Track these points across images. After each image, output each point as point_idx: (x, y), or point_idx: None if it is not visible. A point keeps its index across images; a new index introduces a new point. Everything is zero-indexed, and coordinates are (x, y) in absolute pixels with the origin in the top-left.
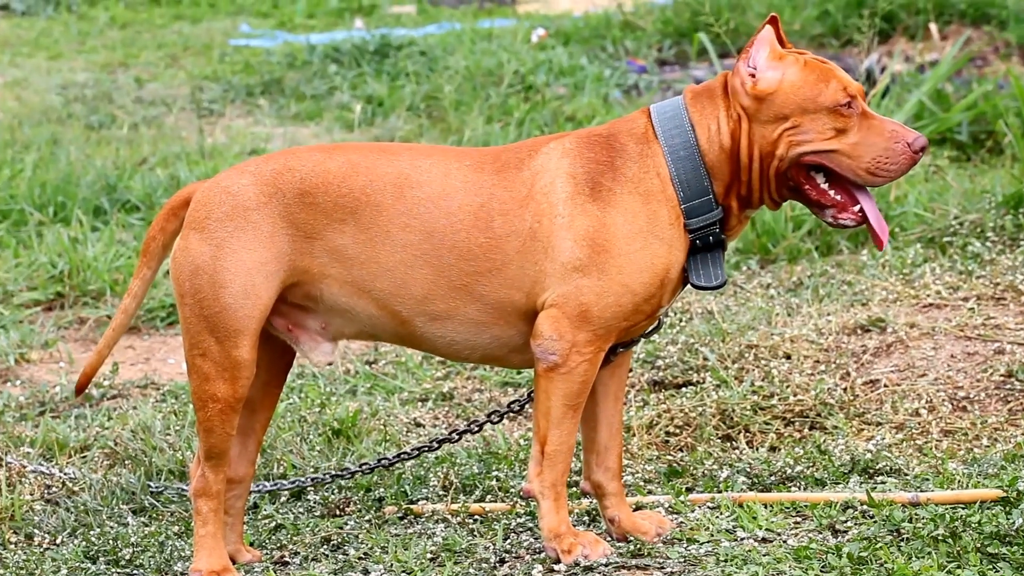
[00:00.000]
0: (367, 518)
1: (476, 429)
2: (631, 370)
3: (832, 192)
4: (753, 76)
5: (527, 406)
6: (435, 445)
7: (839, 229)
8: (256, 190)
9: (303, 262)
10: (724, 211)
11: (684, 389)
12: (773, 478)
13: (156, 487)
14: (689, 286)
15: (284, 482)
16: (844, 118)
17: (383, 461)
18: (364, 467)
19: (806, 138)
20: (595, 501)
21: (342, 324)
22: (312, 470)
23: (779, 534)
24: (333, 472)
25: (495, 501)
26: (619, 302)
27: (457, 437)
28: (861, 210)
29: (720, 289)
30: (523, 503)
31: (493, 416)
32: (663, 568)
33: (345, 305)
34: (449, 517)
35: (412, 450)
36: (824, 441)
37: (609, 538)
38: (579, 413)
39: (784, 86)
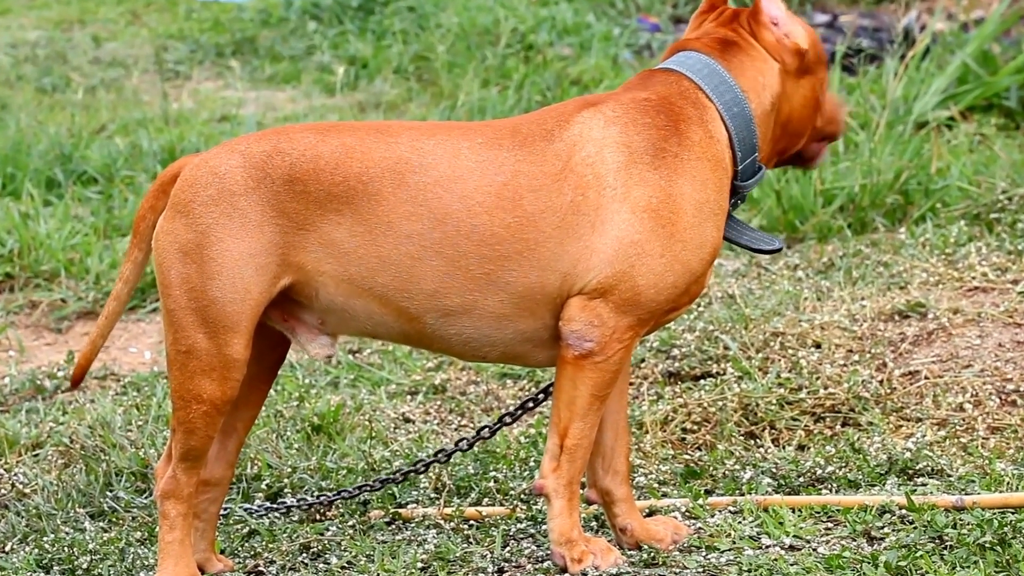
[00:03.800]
0: (351, 523)
1: (489, 436)
2: (643, 360)
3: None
4: (778, 27)
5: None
6: (465, 447)
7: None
8: (244, 174)
9: (296, 257)
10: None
11: (703, 381)
12: (801, 479)
13: (114, 496)
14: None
15: (308, 498)
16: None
17: (418, 465)
18: (393, 476)
19: (828, 94)
20: (601, 509)
21: (340, 323)
22: (290, 470)
23: (808, 541)
24: (356, 486)
25: (493, 504)
26: (676, 283)
27: (489, 434)
28: None
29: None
30: (524, 507)
31: (506, 418)
32: None
33: (342, 305)
34: (442, 522)
35: (416, 464)
36: (858, 439)
37: (619, 546)
38: (604, 405)
39: (811, 39)
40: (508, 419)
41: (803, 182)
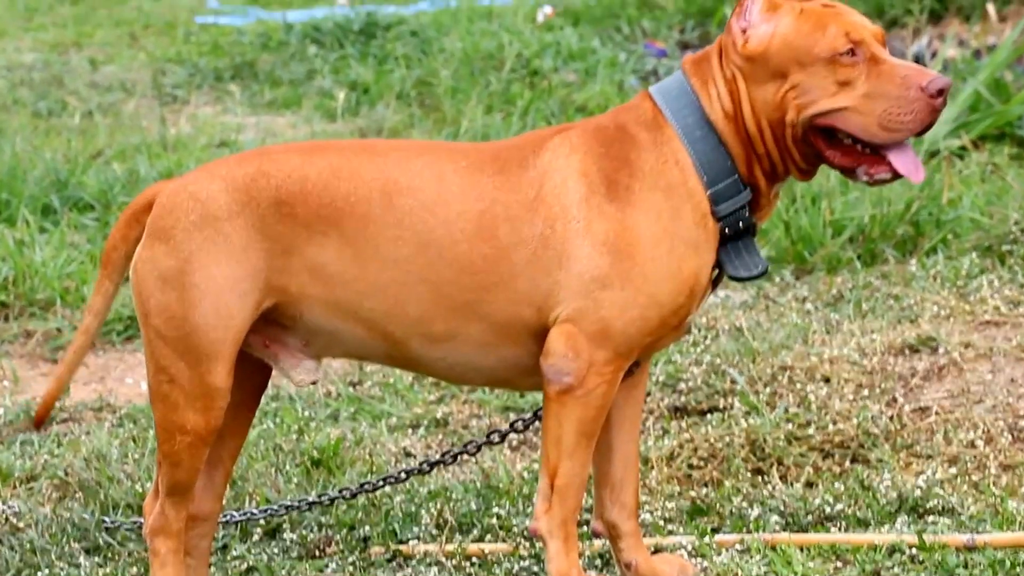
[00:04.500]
0: (351, 560)
1: (474, 451)
2: (649, 394)
3: (859, 147)
4: (745, 32)
5: (531, 425)
6: (426, 468)
7: (878, 186)
8: (228, 198)
9: (281, 280)
10: (752, 191)
11: (709, 416)
12: (810, 517)
13: (111, 522)
14: (714, 290)
15: (255, 511)
16: (846, 68)
17: (366, 485)
18: (344, 493)
19: (811, 98)
20: (608, 543)
21: (326, 345)
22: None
23: None
24: (308, 500)
25: (495, 541)
26: (644, 315)
27: (452, 460)
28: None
29: (761, 277)
30: (528, 544)
31: (493, 435)
32: None
33: (329, 328)
34: (443, 560)
35: (401, 472)
36: (867, 476)
37: None
38: (594, 441)
39: (775, 41)
40: (510, 432)
41: (812, 212)
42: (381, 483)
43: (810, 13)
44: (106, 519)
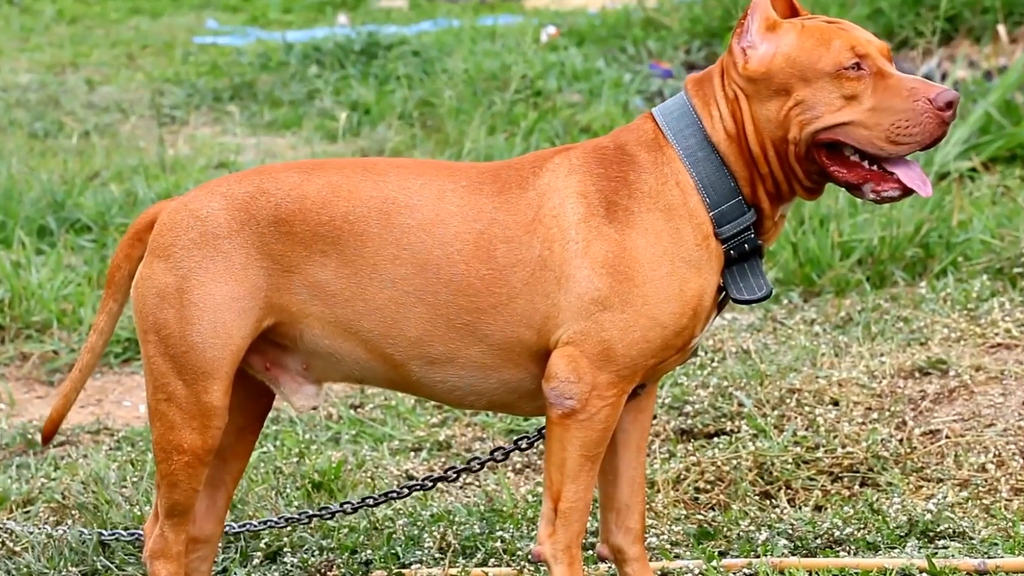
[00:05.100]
0: None
1: (477, 468)
2: (655, 416)
3: (866, 163)
4: (746, 52)
5: (535, 445)
6: (429, 484)
7: (886, 204)
8: (227, 216)
9: (281, 299)
10: (756, 212)
11: (716, 439)
12: (819, 541)
13: (108, 535)
14: (720, 312)
15: (253, 523)
16: (852, 82)
17: (367, 500)
18: (344, 507)
19: (815, 113)
20: (613, 567)
21: (326, 367)
22: (289, 528)
23: None
24: (304, 513)
25: (499, 566)
26: (646, 337)
27: (455, 476)
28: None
29: (765, 300)
30: (532, 568)
31: (497, 453)
32: None
33: (328, 348)
34: None
35: (404, 488)
36: (877, 499)
37: None
38: (598, 465)
39: (778, 59)
40: (515, 450)
41: (820, 234)
42: (382, 498)
43: (813, 29)
44: (103, 532)
